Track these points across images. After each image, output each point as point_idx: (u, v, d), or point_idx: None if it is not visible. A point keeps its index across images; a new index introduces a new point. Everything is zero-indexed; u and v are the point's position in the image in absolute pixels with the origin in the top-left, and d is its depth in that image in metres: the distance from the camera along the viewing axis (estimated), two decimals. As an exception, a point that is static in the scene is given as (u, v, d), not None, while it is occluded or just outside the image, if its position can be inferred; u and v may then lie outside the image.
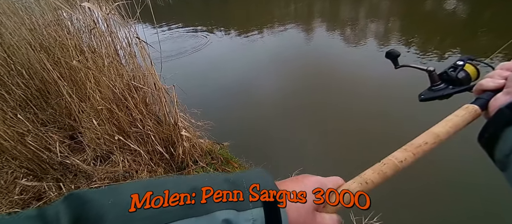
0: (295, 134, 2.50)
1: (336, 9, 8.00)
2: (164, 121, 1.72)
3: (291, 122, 2.69)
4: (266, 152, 2.27)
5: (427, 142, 0.35)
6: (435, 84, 0.50)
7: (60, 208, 0.23)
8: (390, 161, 0.33)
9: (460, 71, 0.48)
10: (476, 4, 6.68)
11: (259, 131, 2.62)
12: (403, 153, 0.34)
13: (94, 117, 1.69)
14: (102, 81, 1.51)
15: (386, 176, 0.33)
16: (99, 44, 1.72)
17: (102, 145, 1.87)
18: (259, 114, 2.89)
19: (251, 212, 0.26)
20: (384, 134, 2.29)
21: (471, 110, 0.39)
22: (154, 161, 1.76)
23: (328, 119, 2.67)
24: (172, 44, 6.29)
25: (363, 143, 2.25)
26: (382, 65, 3.72)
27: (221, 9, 11.54)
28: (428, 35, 4.90)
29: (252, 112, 2.96)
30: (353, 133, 2.40)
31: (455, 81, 0.48)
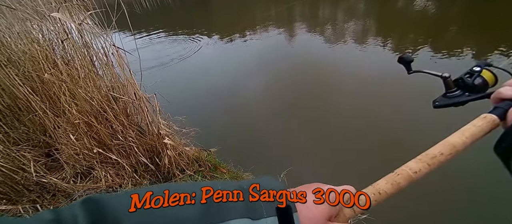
0: (283, 136, 2.52)
1: (315, 12, 8.21)
2: (147, 131, 1.67)
3: (278, 124, 2.71)
4: (254, 155, 2.26)
5: (442, 153, 0.34)
6: (450, 91, 0.48)
7: (77, 211, 0.23)
8: (404, 171, 0.32)
9: (477, 77, 0.46)
10: (443, 2, 7.13)
11: (246, 135, 2.62)
12: (418, 163, 0.33)
13: (71, 132, 1.61)
14: (78, 94, 1.44)
15: (399, 186, 0.32)
16: (73, 55, 1.64)
17: (82, 161, 1.78)
18: (246, 118, 2.89)
19: (265, 221, 0.26)
20: (371, 135, 2.34)
21: (489, 120, 0.37)
22: (139, 173, 1.70)
23: (315, 120, 2.71)
24: (153, 52, 6.17)
25: (351, 143, 2.28)
26: (366, 64, 3.87)
27: (202, 16, 11.46)
28: (402, 33, 5.16)
29: (238, 117, 2.95)
30: (340, 135, 2.44)
31: (471, 88, 0.46)
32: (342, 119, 2.65)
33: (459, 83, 0.48)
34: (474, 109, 0.47)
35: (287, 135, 2.51)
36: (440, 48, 3.91)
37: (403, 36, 4.93)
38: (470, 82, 0.46)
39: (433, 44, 4.13)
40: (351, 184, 0.33)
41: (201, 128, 2.19)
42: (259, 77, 3.93)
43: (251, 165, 2.00)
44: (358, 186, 0.33)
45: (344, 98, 3.01)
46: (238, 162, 2.03)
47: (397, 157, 2.04)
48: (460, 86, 0.48)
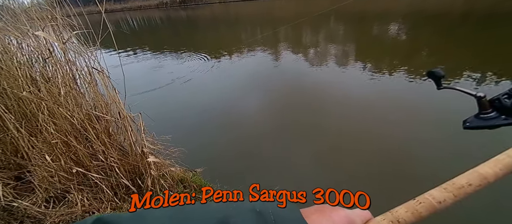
0: (271, 155, 2.52)
1: (298, 38, 8.62)
2: (130, 151, 1.61)
3: (266, 143, 2.72)
4: (241, 174, 2.23)
5: (471, 184, 0.31)
6: (484, 112, 0.44)
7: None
8: (427, 200, 0.30)
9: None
10: (414, 28, 7.79)
11: (233, 154, 2.59)
12: (442, 193, 0.30)
13: (47, 152, 1.52)
14: (58, 112, 1.38)
15: (420, 216, 0.29)
16: (55, 73, 1.60)
17: (56, 184, 1.66)
18: (233, 138, 2.88)
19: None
20: (358, 150, 2.41)
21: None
22: (119, 196, 1.61)
23: (302, 138, 2.75)
24: (140, 70, 6.10)
25: (339, 161, 2.33)
26: (348, 84, 4.06)
27: (190, 36, 11.66)
28: (379, 55, 5.53)
29: (225, 136, 2.93)
30: (328, 152, 2.48)
31: (509, 111, 0.42)
32: (331, 138, 2.71)
33: (495, 104, 0.44)
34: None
35: (275, 154, 2.51)
36: (414, 70, 4.21)
37: (380, 59, 5.27)
38: (509, 104, 0.42)
39: (408, 66, 4.45)
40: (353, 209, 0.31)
41: (187, 148, 2.15)
42: (246, 97, 3.98)
43: (239, 185, 1.96)
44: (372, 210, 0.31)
45: (330, 116, 3.11)
46: (225, 182, 1.99)
47: (395, 174, 2.09)
48: (496, 107, 0.44)
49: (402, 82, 3.87)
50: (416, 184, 1.84)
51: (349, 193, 0.30)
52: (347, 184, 2.03)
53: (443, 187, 0.31)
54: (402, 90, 3.66)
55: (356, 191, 0.33)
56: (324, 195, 0.30)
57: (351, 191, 0.32)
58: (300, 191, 0.29)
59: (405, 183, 1.91)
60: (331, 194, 0.30)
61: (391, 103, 3.30)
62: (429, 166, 2.11)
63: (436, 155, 2.22)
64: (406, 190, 1.77)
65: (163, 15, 25.47)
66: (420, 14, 9.84)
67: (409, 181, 1.93)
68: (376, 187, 1.95)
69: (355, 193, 0.30)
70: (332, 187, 0.32)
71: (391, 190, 1.82)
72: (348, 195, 0.30)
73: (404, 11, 11.00)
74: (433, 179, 0.38)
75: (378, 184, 1.98)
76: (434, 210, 0.30)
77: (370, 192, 0.32)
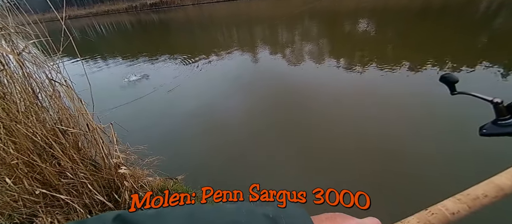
0: (254, 158, 2.50)
1: (275, 36, 8.74)
2: (103, 164, 1.52)
3: (248, 146, 2.71)
4: (223, 179, 2.21)
5: (487, 195, 0.29)
6: (502, 118, 0.42)
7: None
8: (440, 211, 0.29)
9: None
10: (380, 24, 8.27)
11: (215, 159, 2.55)
12: (456, 204, 0.30)
13: (7, 175, 1.38)
14: (17, 130, 1.27)
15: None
16: (11, 88, 1.46)
17: (21, 208, 1.52)
18: (214, 142, 2.83)
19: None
20: (353, 151, 2.41)
21: None
22: (94, 213, 1.52)
23: (286, 139, 2.75)
24: (110, 78, 5.79)
25: (327, 162, 2.32)
26: (328, 81, 4.18)
27: (164, 40, 11.30)
28: (351, 51, 5.79)
29: (206, 141, 2.88)
30: (314, 152, 2.47)
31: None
32: (317, 138, 2.69)
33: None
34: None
35: (259, 157, 2.49)
36: (384, 64, 4.47)
37: (352, 55, 5.52)
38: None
39: (378, 61, 4.70)
40: (353, 209, 0.30)
41: (165, 155, 2.08)
42: (226, 100, 3.94)
43: (222, 188, 1.94)
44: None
45: (318, 113, 3.15)
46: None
47: (387, 173, 2.06)
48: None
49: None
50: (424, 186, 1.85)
51: (349, 193, 0.30)
52: (340, 186, 2.09)
53: (457, 198, 0.30)
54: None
55: (356, 191, 0.33)
56: (324, 195, 0.31)
57: (351, 191, 0.32)
58: (300, 191, 0.29)
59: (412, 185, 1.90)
60: (331, 194, 0.30)
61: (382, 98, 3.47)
62: (435, 166, 2.09)
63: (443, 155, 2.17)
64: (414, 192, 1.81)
65: (133, 19, 24.42)
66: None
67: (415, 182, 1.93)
68: (379, 188, 1.93)
69: (355, 193, 0.30)
70: (331, 187, 0.32)
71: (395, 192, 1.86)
72: (348, 195, 0.30)
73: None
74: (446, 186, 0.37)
75: (379, 185, 1.97)
76: (447, 221, 0.29)
77: (372, 193, 0.32)
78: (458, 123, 2.39)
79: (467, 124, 2.10)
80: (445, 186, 1.79)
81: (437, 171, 2.01)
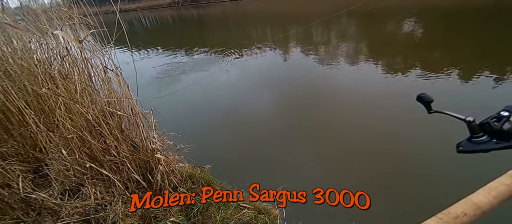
0: (280, 155, 2.52)
1: (309, 35, 8.54)
2: (141, 146, 1.66)
3: (276, 143, 2.72)
4: (249, 173, 2.25)
5: (466, 214, 0.31)
6: (476, 136, 0.45)
7: None
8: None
9: (506, 123, 0.42)
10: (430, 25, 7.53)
11: (242, 152, 2.61)
12: (438, 223, 0.31)
13: (63, 146, 1.59)
14: (74, 108, 1.44)
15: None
16: (72, 71, 1.66)
17: (71, 177, 1.74)
18: (242, 136, 2.90)
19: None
20: (375, 154, 2.36)
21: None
22: (130, 189, 1.66)
23: (314, 139, 2.73)
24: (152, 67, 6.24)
25: (352, 165, 2.29)
26: (363, 84, 4.00)
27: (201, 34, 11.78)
28: (393, 54, 5.39)
29: (234, 134, 2.96)
30: (338, 155, 2.44)
31: (499, 134, 0.42)
32: (342, 140, 2.66)
33: (485, 127, 0.44)
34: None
35: (284, 154, 2.50)
36: (428, 69, 4.09)
37: (393, 58, 5.14)
38: (498, 128, 0.42)
39: (422, 65, 4.31)
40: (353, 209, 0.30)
41: (196, 144, 2.18)
42: (257, 96, 3.99)
43: (245, 182, 1.98)
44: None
45: (341, 118, 3.07)
46: (232, 180, 2.01)
47: (405, 182, 2.02)
48: (486, 131, 0.44)
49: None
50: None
51: (349, 193, 0.31)
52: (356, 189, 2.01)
53: (438, 217, 0.31)
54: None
55: (356, 192, 0.32)
56: (324, 195, 0.31)
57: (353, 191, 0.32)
58: (300, 191, 0.30)
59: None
60: (331, 194, 0.31)
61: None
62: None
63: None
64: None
65: (175, 14, 25.86)
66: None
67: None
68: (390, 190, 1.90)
69: (355, 193, 0.31)
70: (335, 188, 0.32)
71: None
72: (348, 195, 0.31)
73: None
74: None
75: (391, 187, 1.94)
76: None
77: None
78: None
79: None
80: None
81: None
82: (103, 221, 1.56)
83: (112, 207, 1.57)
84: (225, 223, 1.56)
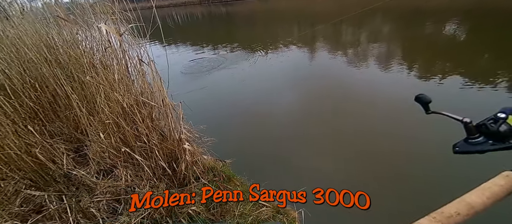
0: (302, 156, 2.50)
1: (338, 35, 8.25)
2: (169, 136, 1.75)
3: (298, 144, 2.70)
4: (269, 171, 2.26)
5: (459, 213, 0.31)
6: (472, 137, 0.46)
7: None
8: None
9: (502, 125, 0.43)
10: (474, 29, 6.85)
11: (264, 150, 2.63)
12: (431, 222, 0.31)
13: (101, 130, 1.73)
14: (112, 96, 1.57)
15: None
16: (111, 61, 1.80)
17: (107, 159, 1.89)
18: (265, 134, 2.92)
19: None
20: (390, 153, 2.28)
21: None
22: (157, 176, 1.77)
23: (337, 142, 2.67)
24: (182, 62, 6.51)
25: (374, 168, 2.25)
26: (391, 88, 3.79)
27: (228, 31, 12.00)
28: (430, 58, 5.00)
29: (257, 131, 2.98)
30: (360, 159, 2.39)
31: (495, 135, 0.43)
32: (366, 145, 2.58)
33: (482, 129, 0.45)
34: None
35: (307, 156, 2.49)
36: (470, 78, 3.73)
37: (430, 63, 4.77)
38: (495, 129, 0.43)
39: (463, 74, 3.95)
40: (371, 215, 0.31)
41: (219, 139, 2.24)
42: (281, 95, 3.98)
43: (265, 180, 1.99)
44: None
45: (373, 120, 2.94)
46: (251, 176, 2.04)
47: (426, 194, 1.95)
48: (483, 132, 0.45)
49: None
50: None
51: (349, 193, 0.31)
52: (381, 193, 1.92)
53: (432, 216, 0.31)
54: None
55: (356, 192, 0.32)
56: (324, 195, 0.31)
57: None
58: (300, 191, 0.30)
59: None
60: (331, 194, 0.31)
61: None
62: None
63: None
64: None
65: (204, 11, 26.61)
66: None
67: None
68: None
69: (355, 193, 0.31)
70: (346, 189, 0.32)
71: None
72: (348, 195, 0.31)
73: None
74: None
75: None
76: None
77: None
78: None
79: None
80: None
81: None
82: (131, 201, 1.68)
83: (140, 190, 1.68)
84: (243, 219, 1.59)
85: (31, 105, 2.18)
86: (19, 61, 2.22)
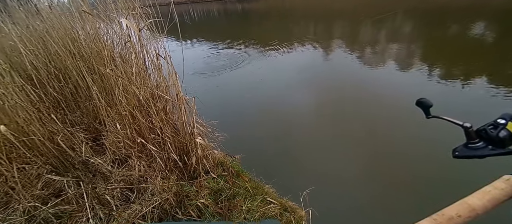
0: (311, 155, 2.48)
1: (357, 33, 8.05)
2: (181, 130, 1.79)
3: (309, 143, 2.68)
4: (278, 169, 2.26)
5: (460, 215, 0.31)
6: (472, 142, 0.46)
7: None
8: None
9: (502, 130, 0.43)
10: (504, 30, 6.43)
11: (273, 148, 2.64)
12: (432, 223, 0.32)
13: (118, 121, 1.81)
14: (130, 89, 1.63)
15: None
16: (130, 55, 1.87)
17: (122, 149, 1.97)
18: (275, 132, 2.92)
19: None
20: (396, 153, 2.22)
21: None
22: (168, 167, 1.82)
23: (347, 141, 2.63)
24: (197, 58, 6.63)
25: (382, 171, 2.20)
26: (406, 89, 3.67)
27: (243, 28, 12.03)
28: (453, 60, 4.77)
29: (268, 129, 2.99)
30: (371, 161, 2.35)
31: (495, 141, 0.43)
32: (378, 148, 2.52)
33: (482, 134, 0.45)
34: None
35: (316, 156, 2.47)
36: (497, 83, 3.52)
37: (454, 65, 4.55)
38: (494, 135, 0.43)
39: (490, 77, 3.73)
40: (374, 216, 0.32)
41: (229, 134, 2.27)
42: (296, 94, 3.95)
43: (273, 178, 2.00)
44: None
45: (386, 125, 2.87)
46: (260, 173, 2.05)
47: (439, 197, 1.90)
48: (483, 137, 0.45)
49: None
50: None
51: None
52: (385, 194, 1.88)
53: (433, 218, 0.32)
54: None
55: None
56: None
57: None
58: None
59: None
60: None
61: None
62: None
63: None
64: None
65: (220, 8, 26.81)
66: None
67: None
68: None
69: None
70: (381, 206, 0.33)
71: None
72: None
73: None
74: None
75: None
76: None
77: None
78: None
79: None
80: None
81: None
82: (143, 191, 1.74)
83: (152, 180, 1.74)
84: (250, 214, 1.60)
85: (55, 95, 2.31)
86: (45, 53, 2.36)
